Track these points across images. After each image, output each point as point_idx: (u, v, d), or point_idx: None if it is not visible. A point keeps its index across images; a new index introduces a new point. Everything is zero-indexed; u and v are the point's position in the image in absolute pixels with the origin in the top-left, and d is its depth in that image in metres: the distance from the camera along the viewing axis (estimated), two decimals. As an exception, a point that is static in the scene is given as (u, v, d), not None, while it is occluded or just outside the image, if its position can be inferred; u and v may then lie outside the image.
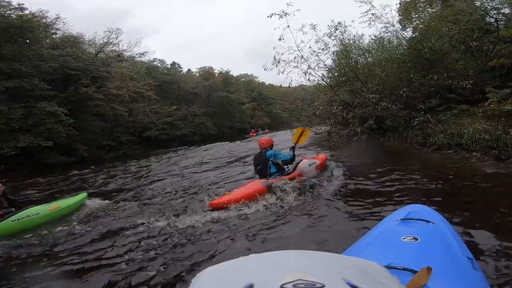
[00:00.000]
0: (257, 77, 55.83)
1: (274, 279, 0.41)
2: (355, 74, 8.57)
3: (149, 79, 28.06)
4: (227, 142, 19.11)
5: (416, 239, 1.29)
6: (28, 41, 17.69)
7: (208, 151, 14.38)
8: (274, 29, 8.10)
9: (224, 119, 36.92)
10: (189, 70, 43.21)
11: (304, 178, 4.51)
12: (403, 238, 1.31)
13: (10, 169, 14.22)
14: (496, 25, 7.39)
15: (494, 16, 7.53)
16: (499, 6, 7.74)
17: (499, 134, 4.90)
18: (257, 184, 4.24)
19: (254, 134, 29.61)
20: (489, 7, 7.81)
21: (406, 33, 8.86)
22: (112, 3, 74.51)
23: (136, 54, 27.31)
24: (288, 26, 7.98)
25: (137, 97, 24.58)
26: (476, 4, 7.90)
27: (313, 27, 8.41)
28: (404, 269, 1.01)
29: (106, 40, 24.21)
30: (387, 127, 6.99)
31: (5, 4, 16.20)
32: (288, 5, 7.75)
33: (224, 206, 3.72)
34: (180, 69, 41.49)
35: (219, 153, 12.38)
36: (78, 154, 18.64)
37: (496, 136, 4.96)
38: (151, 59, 33.01)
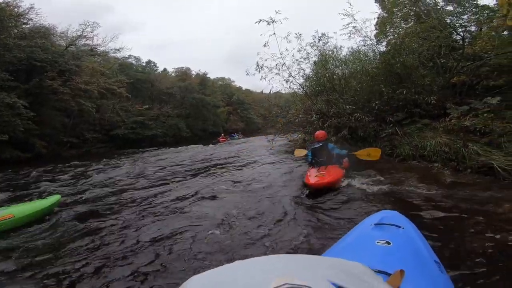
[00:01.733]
0: (234, 81, 55.99)
1: (262, 285, 0.41)
2: (332, 85, 8.92)
3: (122, 76, 26.91)
4: (201, 145, 18.81)
5: (389, 243, 1.37)
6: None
7: (183, 153, 14.03)
8: (260, 35, 8.25)
9: (197, 122, 36.36)
10: (165, 69, 42.05)
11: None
12: (377, 242, 1.39)
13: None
14: (462, 42, 8.03)
15: (461, 33, 8.24)
16: (467, 24, 8.49)
17: (458, 148, 5.37)
18: (337, 168, 4.92)
19: (224, 139, 27.42)
20: (457, 24, 8.53)
21: (381, 47, 9.42)
22: None
23: (111, 50, 26.10)
24: (274, 33, 8.17)
25: (107, 93, 23.41)
26: (447, 21, 8.52)
27: (298, 36, 8.69)
28: (379, 271, 1.04)
29: (80, 33, 22.89)
30: (359, 138, 7.34)
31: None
32: (276, 12, 7.95)
33: (323, 187, 4.22)
34: (155, 68, 40.23)
35: (197, 157, 12.13)
36: (35, 150, 17.29)
37: (455, 149, 5.43)
38: (126, 56, 31.69)
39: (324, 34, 9.15)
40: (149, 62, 39.56)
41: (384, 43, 9.47)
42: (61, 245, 3.08)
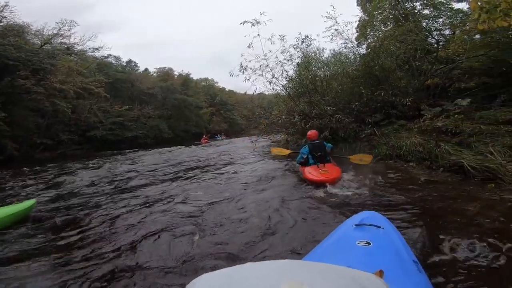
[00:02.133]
0: (217, 82, 55.61)
1: None
2: (314, 86, 9.08)
3: (100, 75, 26.01)
4: (182, 147, 18.52)
5: (369, 243, 1.41)
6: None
7: (164, 155, 13.74)
8: (245, 36, 8.27)
9: (179, 122, 35.76)
10: (146, 69, 41.08)
11: None
12: (358, 243, 1.43)
13: None
14: (436, 46, 8.39)
15: (436, 37, 8.62)
16: (441, 27, 8.89)
17: (431, 147, 5.61)
18: (335, 166, 5.29)
19: (207, 140, 26.89)
20: (433, 27, 8.91)
21: (361, 50, 9.67)
22: None
23: (89, 49, 25.14)
24: (259, 34, 8.21)
25: (84, 93, 22.54)
26: (423, 25, 8.86)
27: (282, 37, 8.77)
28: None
29: (56, 32, 21.89)
30: (340, 138, 7.51)
31: None
32: (261, 14, 7.99)
33: (336, 181, 4.52)
34: (136, 68, 39.23)
35: (180, 158, 11.92)
36: (6, 152, 16.34)
37: (429, 149, 5.68)
38: (105, 55, 30.62)
39: (307, 37, 9.31)
40: (129, 61, 38.58)
41: (364, 46, 9.75)
42: (37, 252, 2.92)
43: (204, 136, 29.56)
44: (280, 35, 8.77)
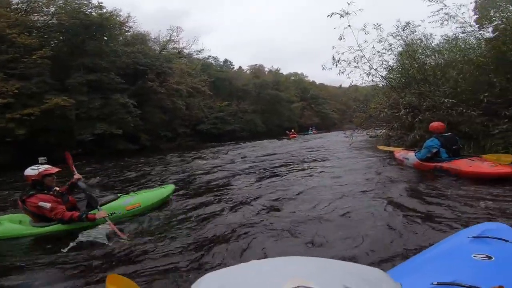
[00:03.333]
0: (307, 76, 55.08)
1: (275, 286, 0.42)
2: (424, 76, 7.99)
3: (204, 75, 29.68)
4: (274, 140, 19.31)
5: (490, 257, 1.19)
6: (105, 38, 19.98)
7: (259, 148, 14.66)
8: (334, 28, 8.00)
9: (272, 117, 37.28)
10: (240, 67, 44.52)
11: None
12: (474, 256, 1.21)
13: (84, 153, 16.39)
14: None
15: None
16: None
17: None
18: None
19: (295, 135, 25.14)
20: None
21: (486, 34, 7.93)
22: (172, 5, 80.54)
23: (194, 52, 29.08)
24: (349, 25, 7.81)
25: (194, 92, 26.18)
26: None
27: (378, 26, 8.09)
28: (471, 287, 0.95)
29: (168, 38, 26.23)
30: (462, 134, 6.40)
31: (86, 2, 18.45)
32: (349, 4, 7.59)
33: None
34: (232, 66, 42.98)
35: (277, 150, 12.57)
36: (140, 143, 20.66)
37: None
38: (206, 56, 34.82)
39: (409, 23, 8.19)
40: (225, 61, 42.52)
41: (490, 29, 7.92)
42: (180, 229, 3.36)
43: (292, 130, 27.40)
44: (375, 24, 8.05)
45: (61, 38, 18.51)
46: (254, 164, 8.48)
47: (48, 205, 3.19)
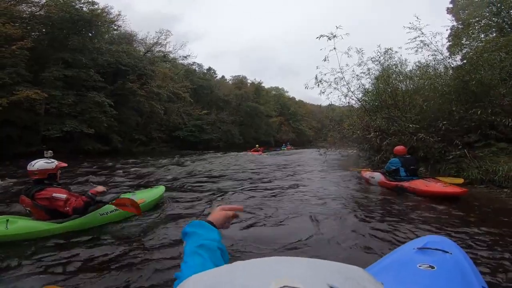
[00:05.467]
0: (287, 91, 56.61)
1: (260, 286, 0.42)
2: (394, 101, 8.64)
3: (187, 81, 29.57)
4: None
5: (432, 267, 1.29)
6: (90, 34, 19.40)
7: (236, 158, 14.76)
8: (320, 49, 8.50)
9: (250, 130, 37.65)
10: (223, 76, 44.81)
11: None
12: (419, 266, 1.32)
13: (50, 150, 15.46)
14: None
15: None
16: None
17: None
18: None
19: (259, 152, 20.08)
20: None
21: (454, 62, 8.65)
22: (166, 8, 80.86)
23: (180, 57, 28.98)
24: (335, 48, 8.35)
25: (174, 97, 25.93)
26: None
27: (360, 51, 8.72)
28: None
29: (155, 40, 26.01)
30: (419, 158, 7.01)
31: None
32: (337, 28, 8.15)
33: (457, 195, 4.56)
34: (215, 75, 43.13)
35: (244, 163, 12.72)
36: (112, 144, 19.87)
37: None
38: (191, 63, 34.78)
39: (388, 50, 8.92)
40: (209, 69, 42.58)
41: (458, 58, 8.77)
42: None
43: (256, 146, 22.13)
44: (358, 49, 8.71)
45: (43, 30, 17.74)
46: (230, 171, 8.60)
47: (63, 196, 3.20)
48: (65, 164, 3.49)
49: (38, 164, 3.25)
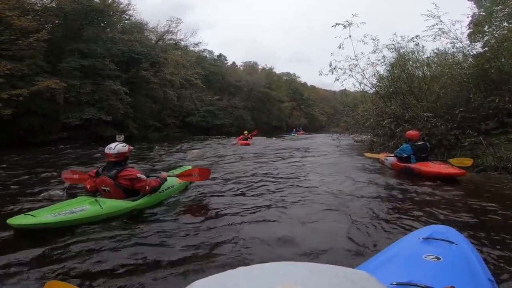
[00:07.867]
0: (299, 77, 55.69)
1: None
2: (410, 88, 8.55)
3: (198, 68, 29.64)
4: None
5: (438, 258, 1.28)
6: (102, 24, 19.63)
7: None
8: (335, 37, 8.44)
9: (262, 115, 37.66)
10: (233, 63, 44.49)
11: None
12: (425, 257, 1.30)
13: (69, 137, 16.13)
14: None
15: None
16: None
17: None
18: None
19: (246, 142, 14.35)
20: None
21: (474, 49, 8.38)
22: None
23: (190, 44, 28.96)
24: (350, 36, 8.27)
25: (186, 84, 26.14)
26: None
27: (375, 38, 8.60)
28: (426, 287, 1.04)
29: (167, 29, 26.04)
30: (436, 142, 7.01)
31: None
32: (353, 15, 8.04)
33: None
34: (226, 61, 42.88)
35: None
36: (128, 131, 20.40)
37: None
38: (202, 50, 34.69)
39: (414, 37, 8.62)
40: (220, 55, 42.32)
41: (478, 45, 8.44)
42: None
43: (245, 132, 16.36)
44: (373, 38, 8.58)
45: (56, 22, 18.02)
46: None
47: (144, 176, 3.42)
48: (132, 147, 3.70)
49: (118, 147, 3.40)
